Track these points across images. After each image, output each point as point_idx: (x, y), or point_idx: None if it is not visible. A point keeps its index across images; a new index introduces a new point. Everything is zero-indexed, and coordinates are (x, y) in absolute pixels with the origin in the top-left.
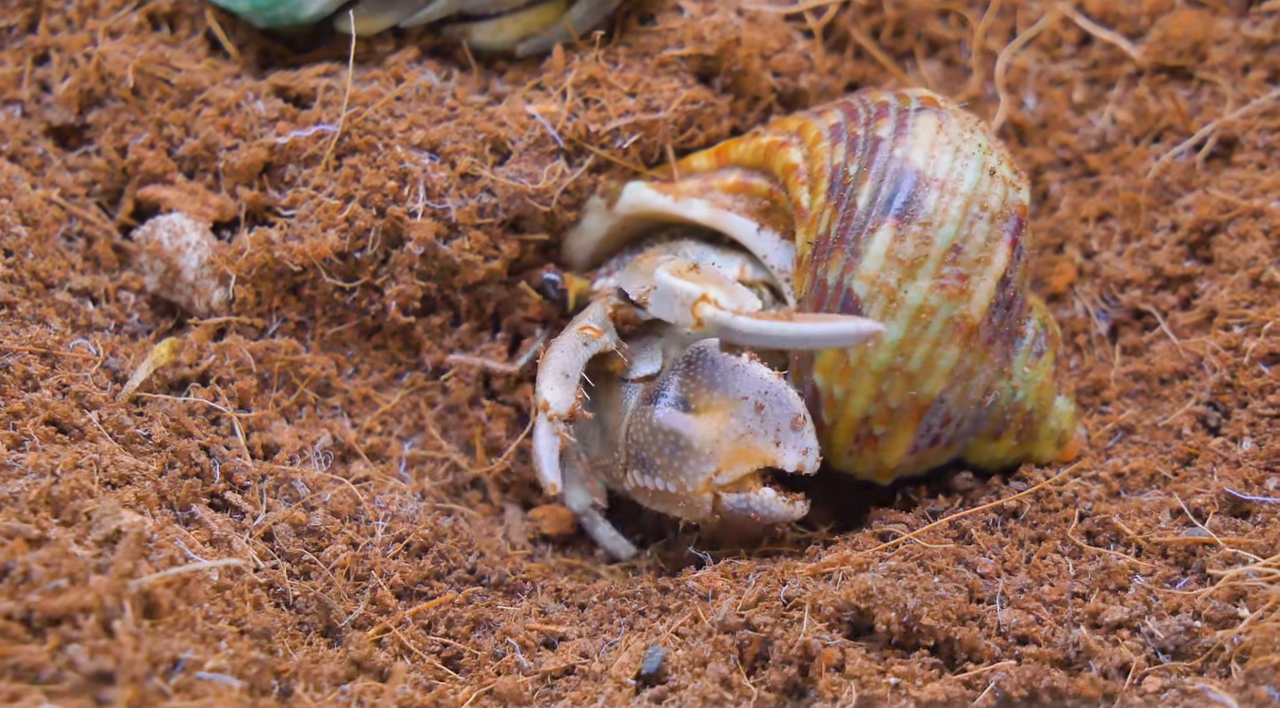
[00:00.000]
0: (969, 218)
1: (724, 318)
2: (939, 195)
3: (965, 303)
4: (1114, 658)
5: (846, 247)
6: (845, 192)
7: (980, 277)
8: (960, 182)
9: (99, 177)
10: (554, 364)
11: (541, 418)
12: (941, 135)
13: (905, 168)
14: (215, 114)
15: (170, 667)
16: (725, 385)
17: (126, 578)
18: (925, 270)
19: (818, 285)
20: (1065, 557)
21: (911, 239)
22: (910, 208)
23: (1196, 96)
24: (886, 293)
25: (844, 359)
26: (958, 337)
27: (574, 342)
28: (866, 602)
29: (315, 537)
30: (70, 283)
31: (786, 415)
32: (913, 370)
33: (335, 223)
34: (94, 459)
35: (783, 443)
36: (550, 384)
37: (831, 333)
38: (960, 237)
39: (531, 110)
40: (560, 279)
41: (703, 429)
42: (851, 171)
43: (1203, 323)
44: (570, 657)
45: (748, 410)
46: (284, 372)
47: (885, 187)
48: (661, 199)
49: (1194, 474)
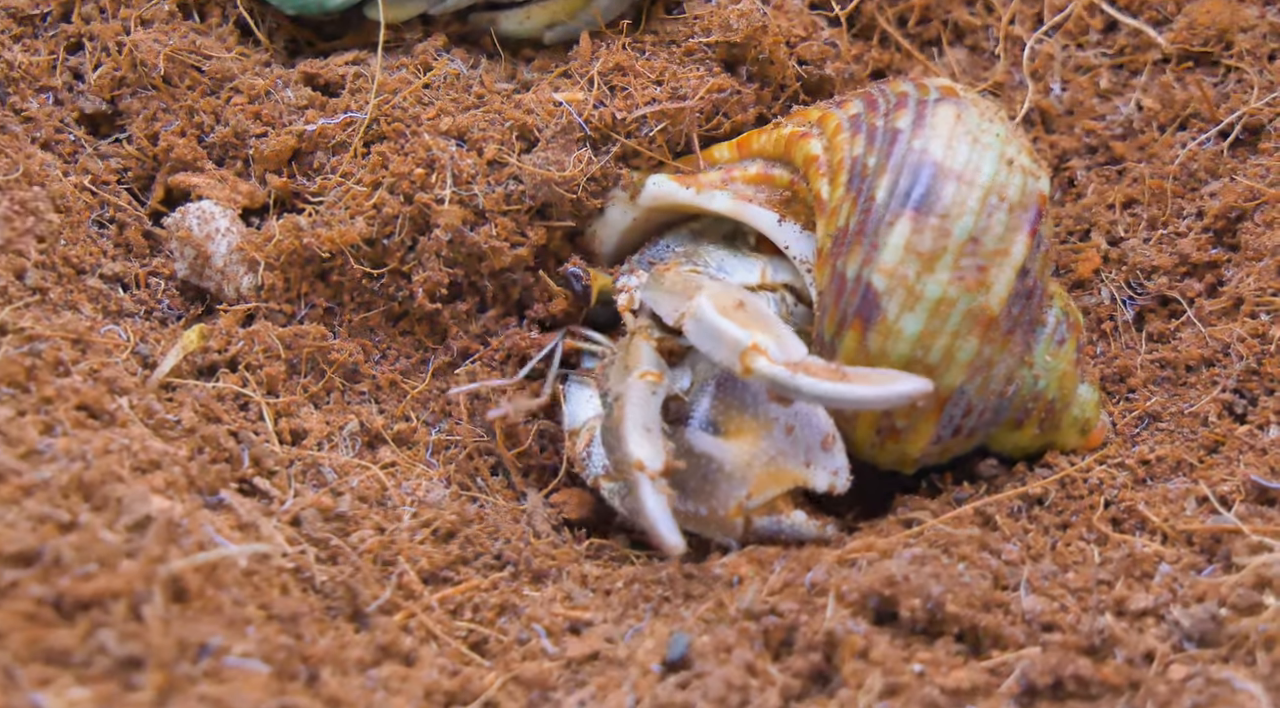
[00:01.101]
0: (987, 209)
1: (779, 374)
2: (957, 187)
3: (984, 294)
4: (1139, 646)
5: (866, 240)
6: (864, 184)
7: (999, 268)
8: (978, 172)
9: (130, 164)
10: (632, 421)
11: (643, 480)
12: (960, 126)
13: (923, 160)
14: (245, 102)
15: (199, 652)
16: (755, 407)
17: (156, 563)
18: (943, 263)
19: (837, 278)
20: (1090, 544)
21: (930, 231)
22: (928, 200)
23: (1223, 83)
24: (905, 286)
25: (864, 351)
26: (977, 328)
27: (643, 393)
28: (891, 589)
29: (342, 522)
30: (101, 269)
31: (817, 436)
32: (932, 363)
33: (363, 210)
34: (124, 445)
35: (813, 464)
36: (638, 442)
37: (887, 395)
38: (978, 228)
39: (558, 98)
40: (584, 274)
41: (734, 453)
42: (870, 163)
43: (1229, 310)
44: (595, 642)
45: (778, 432)
46: (312, 358)
47: (903, 179)
48: (684, 192)
49: (1220, 462)
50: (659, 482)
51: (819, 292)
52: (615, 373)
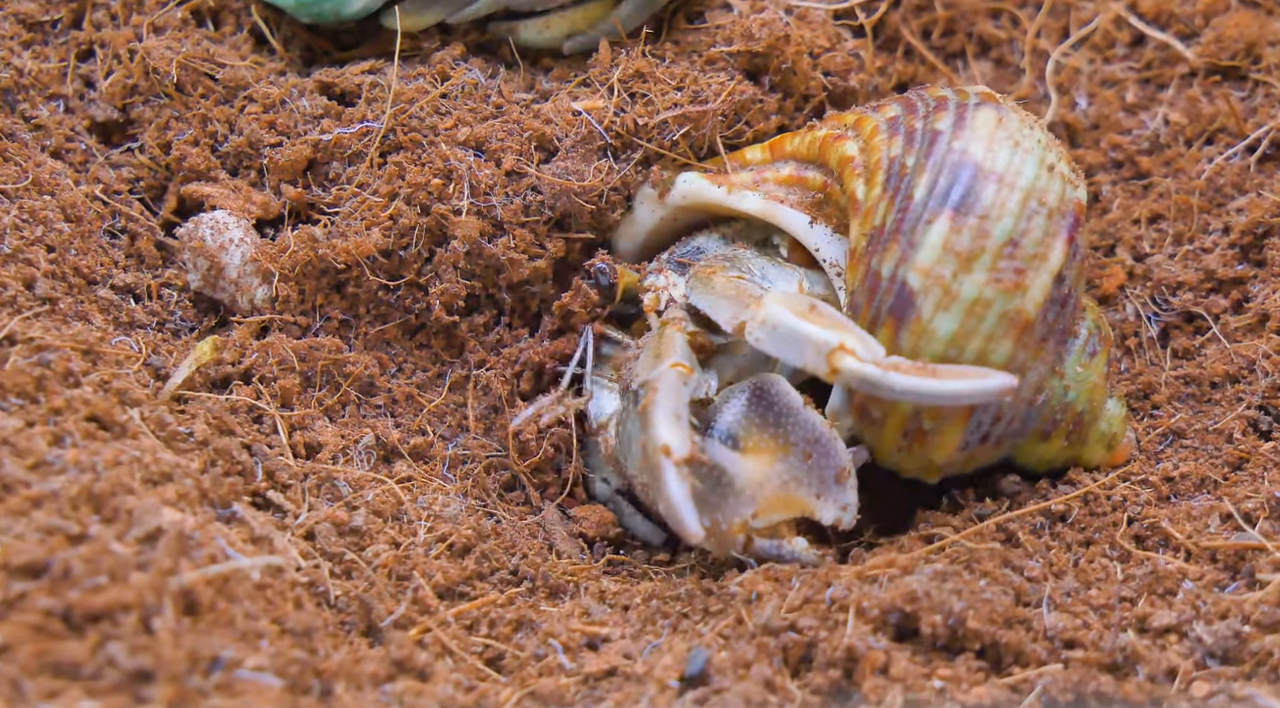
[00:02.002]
0: (1027, 212)
1: (870, 372)
2: (997, 188)
3: (1020, 297)
4: (1162, 663)
5: (902, 238)
6: (902, 183)
7: (1036, 272)
8: (1019, 176)
9: (142, 173)
10: (664, 406)
11: (668, 465)
12: (1001, 130)
13: (964, 160)
14: (259, 111)
15: (210, 665)
16: (778, 428)
17: (167, 575)
18: (981, 263)
19: (871, 277)
20: (1113, 561)
21: (968, 231)
22: (968, 200)
23: (1250, 98)
24: (941, 285)
25: (896, 350)
26: (1012, 332)
27: (674, 381)
28: (912, 604)
29: (357, 536)
30: (113, 280)
31: (832, 468)
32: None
33: (379, 221)
34: (135, 457)
35: (824, 496)
36: (668, 427)
37: (978, 389)
38: (1018, 231)
39: (577, 107)
40: (611, 270)
41: (748, 471)
42: (909, 163)
43: (1255, 326)
44: (613, 658)
45: (795, 458)
46: (327, 370)
47: (943, 178)
48: (715, 190)
49: (1244, 479)
50: (683, 469)
51: (850, 292)
52: (645, 362)
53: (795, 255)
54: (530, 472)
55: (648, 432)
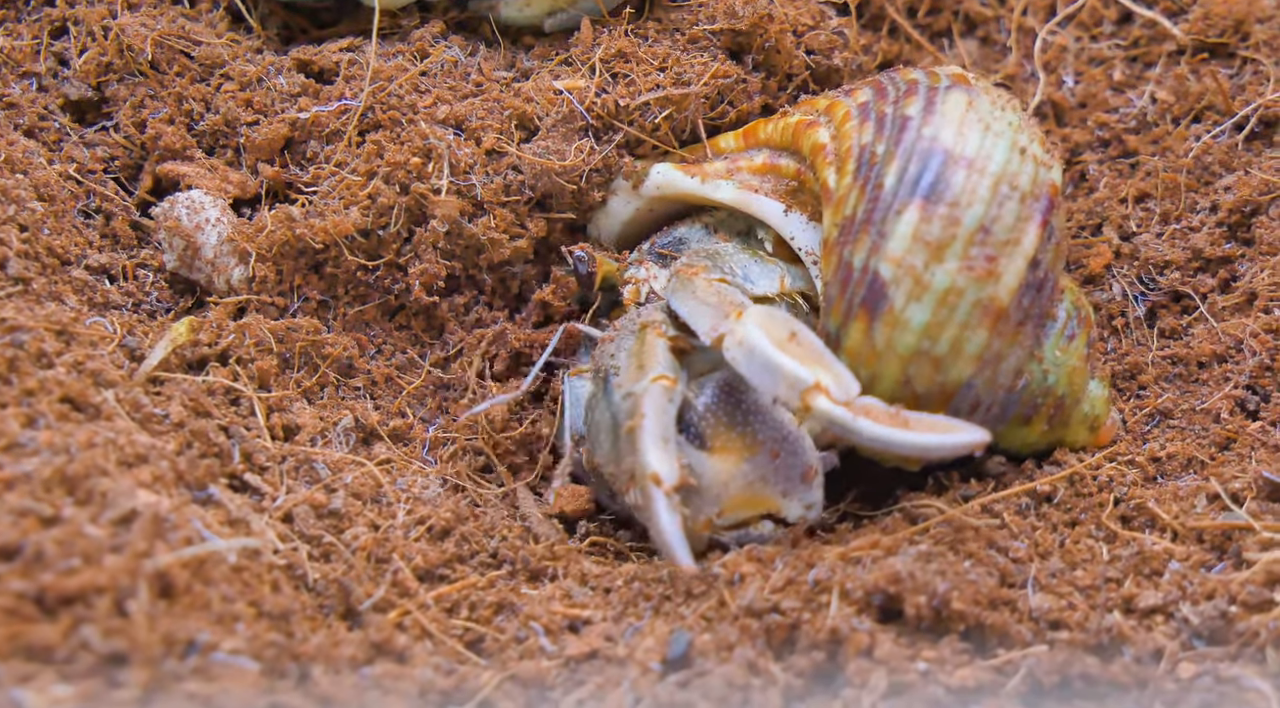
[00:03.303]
0: (998, 197)
1: (842, 416)
2: (968, 174)
3: (993, 285)
4: (1148, 644)
5: (873, 228)
6: (873, 171)
7: (1009, 258)
8: (990, 160)
9: (117, 152)
10: (650, 431)
11: (658, 495)
12: (971, 113)
13: (934, 147)
14: (236, 89)
15: (186, 648)
16: (746, 427)
17: (141, 558)
18: (952, 252)
19: (844, 268)
20: (1099, 541)
21: (938, 220)
22: (938, 188)
23: (1238, 75)
24: (913, 276)
25: (870, 343)
26: (986, 320)
27: (660, 401)
28: (896, 586)
29: (336, 519)
30: (87, 260)
31: (799, 467)
32: (940, 354)
33: (358, 200)
34: (109, 438)
35: (790, 495)
36: (657, 455)
37: (948, 443)
38: (989, 217)
39: (559, 86)
40: (589, 258)
41: (715, 470)
42: (879, 151)
43: (1242, 305)
44: (594, 641)
45: (763, 457)
46: (305, 352)
47: (913, 166)
48: (689, 181)
49: (1232, 459)
50: (674, 498)
51: (825, 283)
52: (627, 368)
53: (780, 250)
54: (501, 455)
55: (636, 457)
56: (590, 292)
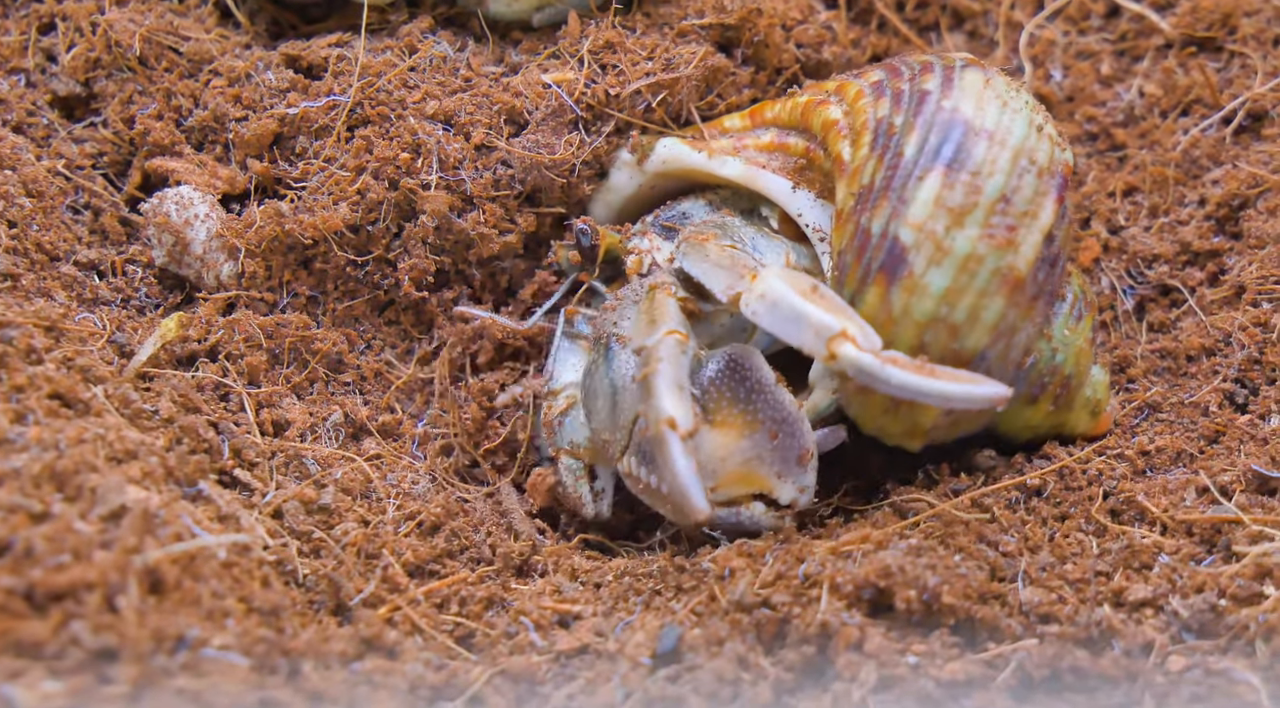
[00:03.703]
0: (1018, 170)
1: (870, 363)
2: (988, 145)
3: (1013, 254)
4: (1137, 637)
5: (893, 194)
6: (891, 141)
7: (1028, 230)
8: (1009, 134)
9: (106, 148)
10: (666, 377)
11: (674, 438)
12: (989, 90)
13: (954, 118)
14: (225, 84)
15: (175, 644)
16: (748, 404)
17: (131, 554)
18: (974, 219)
19: (861, 235)
20: (1089, 535)
21: (961, 187)
22: (960, 156)
23: (1226, 69)
24: (934, 240)
25: (887, 308)
26: (1004, 289)
27: (674, 349)
28: (886, 580)
29: (326, 514)
30: (76, 256)
31: (796, 449)
32: (957, 322)
33: (347, 195)
34: (99, 434)
35: (785, 476)
36: (672, 399)
37: (971, 394)
38: (1009, 187)
39: (547, 79)
40: (592, 230)
41: (714, 443)
42: (898, 122)
43: (1231, 299)
44: (585, 636)
45: (762, 435)
46: (295, 347)
47: (934, 136)
48: (695, 155)
49: (1221, 452)
50: (689, 443)
51: (838, 252)
52: (637, 324)
53: (785, 228)
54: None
55: (650, 402)
56: (593, 265)
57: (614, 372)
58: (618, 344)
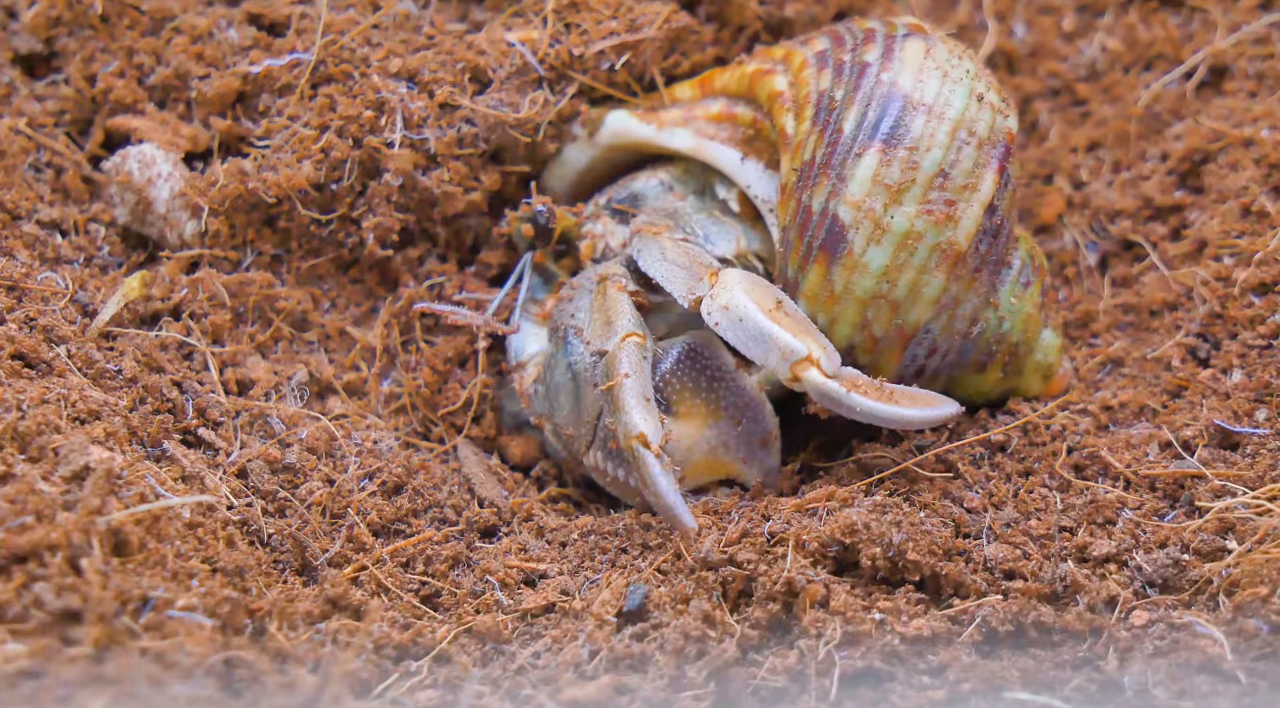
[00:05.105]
0: (956, 143)
1: (833, 390)
2: (926, 119)
3: (952, 229)
4: (1101, 592)
5: (832, 172)
6: (831, 117)
7: (967, 203)
8: (948, 106)
9: (68, 106)
10: (631, 390)
11: (648, 456)
12: (929, 60)
13: (892, 92)
14: (187, 42)
15: (140, 605)
16: (710, 392)
17: (95, 515)
18: (911, 195)
19: (802, 212)
20: (1053, 491)
21: (898, 163)
22: (897, 132)
23: (1187, 24)
24: (872, 218)
25: (828, 286)
26: (944, 264)
27: (636, 358)
28: (851, 537)
29: (290, 474)
30: (38, 215)
31: (759, 433)
32: (898, 298)
33: (311, 154)
34: (62, 394)
35: (750, 461)
36: (641, 414)
37: (931, 416)
38: (947, 162)
39: (511, 38)
40: (550, 212)
41: (679, 435)
42: (838, 97)
43: (1193, 254)
44: (551, 594)
45: (726, 423)
46: (259, 306)
47: (872, 111)
48: (644, 128)
49: (1183, 407)
50: (663, 457)
51: (782, 228)
52: (593, 325)
53: (744, 207)
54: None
55: (619, 417)
56: (547, 245)
57: (574, 365)
58: (574, 336)
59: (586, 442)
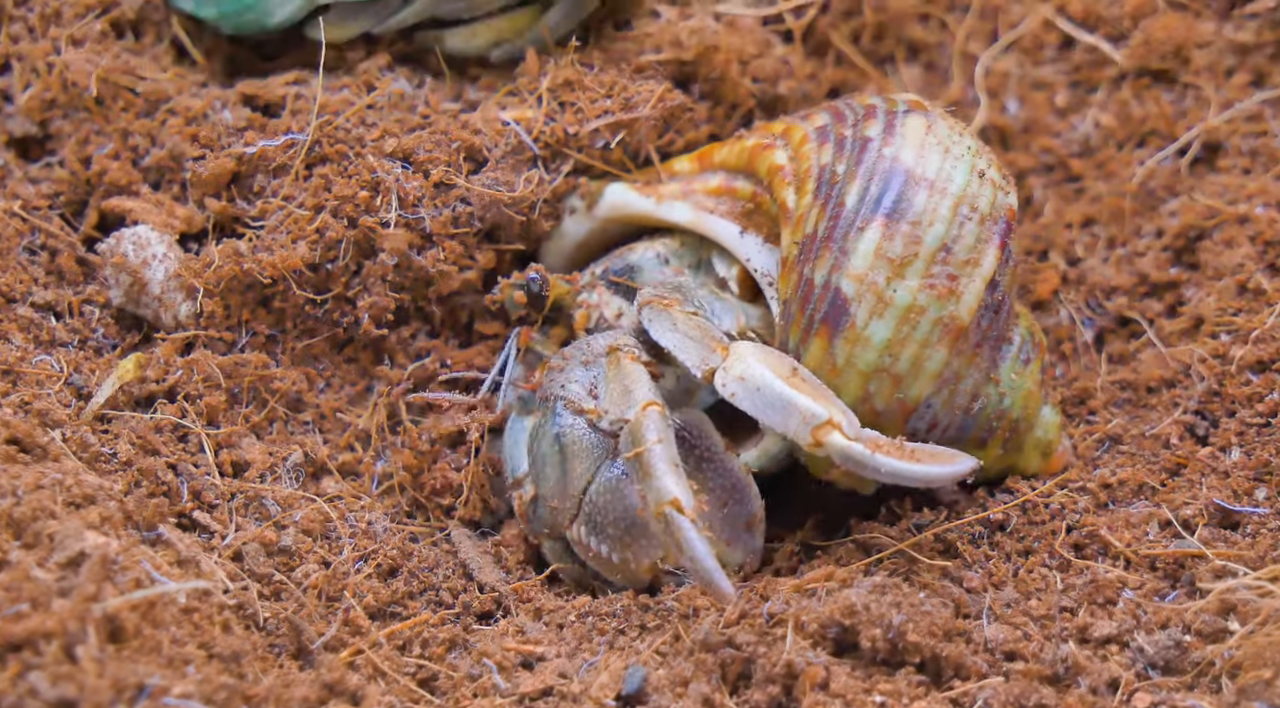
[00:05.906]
0: (959, 218)
1: (858, 452)
2: (929, 194)
3: (954, 304)
4: (1103, 674)
5: (834, 245)
6: (833, 190)
7: (969, 278)
8: (950, 182)
9: (62, 188)
10: (663, 456)
11: (685, 523)
12: (930, 136)
13: (895, 167)
14: (181, 123)
15: (136, 693)
16: (698, 474)
17: (90, 601)
18: (914, 269)
19: (804, 285)
20: (1053, 570)
21: (901, 237)
22: (900, 206)
23: (1180, 100)
24: (875, 292)
25: (830, 359)
26: (946, 338)
27: (660, 423)
28: (851, 618)
29: (286, 556)
30: (33, 297)
31: (745, 515)
32: (900, 372)
33: (306, 234)
34: (57, 479)
35: (734, 543)
36: (674, 480)
37: (952, 472)
38: (950, 236)
39: (506, 117)
40: (542, 279)
41: None
42: (840, 171)
43: (1190, 330)
44: (549, 677)
45: (712, 505)
46: (254, 387)
47: (874, 185)
48: (644, 201)
49: (1182, 485)
50: (698, 524)
51: (783, 301)
52: (612, 396)
53: (743, 286)
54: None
55: (650, 483)
56: (541, 312)
57: (561, 437)
58: (564, 407)
59: (571, 515)
